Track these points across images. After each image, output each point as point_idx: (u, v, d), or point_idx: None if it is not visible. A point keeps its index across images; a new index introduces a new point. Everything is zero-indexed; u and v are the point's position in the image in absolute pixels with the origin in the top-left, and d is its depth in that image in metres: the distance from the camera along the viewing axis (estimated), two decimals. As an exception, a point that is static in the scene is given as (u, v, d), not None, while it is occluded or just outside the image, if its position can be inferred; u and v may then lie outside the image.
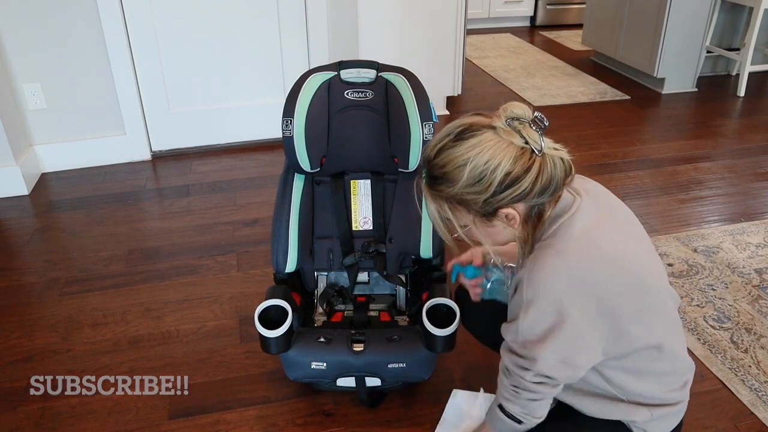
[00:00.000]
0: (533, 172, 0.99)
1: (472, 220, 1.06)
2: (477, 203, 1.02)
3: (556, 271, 1.01)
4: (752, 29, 3.65)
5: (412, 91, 1.60)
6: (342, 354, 1.48)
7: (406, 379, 1.56)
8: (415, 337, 1.50)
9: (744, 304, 1.98)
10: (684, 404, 1.21)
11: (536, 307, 1.03)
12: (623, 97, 3.85)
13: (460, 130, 1.02)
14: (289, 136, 1.60)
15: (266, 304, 1.47)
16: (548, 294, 1.01)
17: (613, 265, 1.04)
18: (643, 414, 1.16)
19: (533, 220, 1.07)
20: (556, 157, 1.02)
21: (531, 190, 1.00)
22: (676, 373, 1.18)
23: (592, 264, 1.02)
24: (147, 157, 3.05)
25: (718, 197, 2.67)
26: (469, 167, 0.99)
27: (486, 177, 0.98)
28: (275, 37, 2.99)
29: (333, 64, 1.66)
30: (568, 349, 1.05)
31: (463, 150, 1.00)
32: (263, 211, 2.54)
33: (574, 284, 1.01)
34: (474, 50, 4.95)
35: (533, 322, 1.04)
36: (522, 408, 1.15)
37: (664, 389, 1.16)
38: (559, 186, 1.03)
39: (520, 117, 1.01)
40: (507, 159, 0.98)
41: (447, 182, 1.02)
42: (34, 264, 2.24)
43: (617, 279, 1.03)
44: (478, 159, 0.98)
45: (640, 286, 1.06)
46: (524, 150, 0.99)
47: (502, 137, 0.99)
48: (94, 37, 2.74)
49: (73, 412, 1.61)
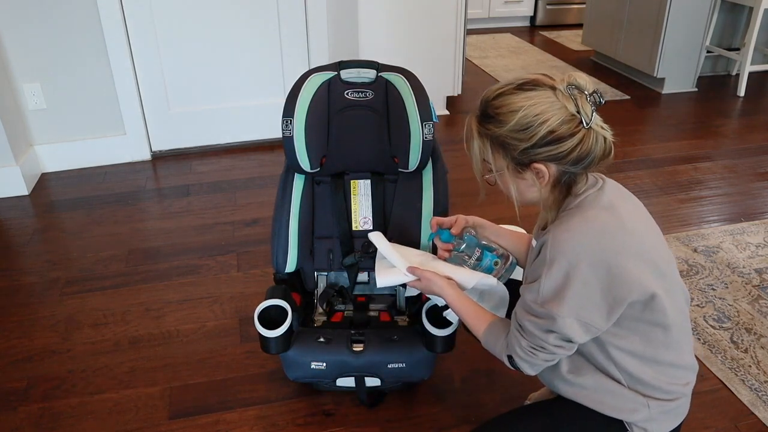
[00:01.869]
0: (575, 139, 1.05)
1: (506, 166, 1.12)
2: (516, 149, 1.08)
3: (581, 233, 1.06)
4: (752, 29, 3.65)
5: (412, 91, 1.60)
6: (342, 354, 1.48)
7: (405, 380, 1.56)
8: (414, 337, 1.50)
9: (744, 304, 1.98)
10: (684, 404, 1.21)
11: (560, 265, 1.05)
12: (623, 97, 3.85)
13: (523, 82, 1.08)
14: (289, 136, 1.60)
15: (266, 304, 1.47)
16: (571, 254, 1.05)
17: (634, 241, 1.08)
18: (639, 408, 1.16)
19: (562, 189, 1.12)
20: (600, 134, 1.07)
21: (568, 155, 1.06)
22: (679, 367, 1.17)
23: (615, 234, 1.07)
24: (147, 157, 3.05)
25: (718, 197, 2.67)
26: (520, 114, 1.05)
27: (532, 128, 1.05)
28: (275, 37, 2.99)
29: (333, 64, 1.66)
30: (589, 308, 1.06)
31: (519, 99, 1.06)
32: (263, 211, 2.55)
33: (596, 248, 1.05)
34: (474, 50, 4.95)
35: (556, 280, 1.06)
36: (531, 366, 1.16)
37: (665, 380, 1.16)
38: (594, 162, 1.08)
39: (581, 87, 1.06)
40: (556, 118, 1.04)
41: (496, 122, 1.08)
42: (34, 264, 2.25)
43: (636, 254, 1.07)
44: (530, 110, 1.05)
45: (654, 268, 1.09)
46: (574, 117, 1.05)
47: (558, 99, 1.05)
48: (94, 37, 2.74)
49: (73, 412, 1.61)
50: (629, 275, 1.05)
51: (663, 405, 1.16)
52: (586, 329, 1.08)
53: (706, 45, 3.86)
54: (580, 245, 1.05)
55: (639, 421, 1.17)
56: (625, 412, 1.16)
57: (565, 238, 1.06)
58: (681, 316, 1.16)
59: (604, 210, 1.08)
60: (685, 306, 1.18)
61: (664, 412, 1.17)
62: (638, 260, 1.07)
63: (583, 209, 1.09)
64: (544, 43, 5.22)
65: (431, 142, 1.61)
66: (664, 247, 1.18)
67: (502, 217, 1.55)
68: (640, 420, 1.17)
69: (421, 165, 1.65)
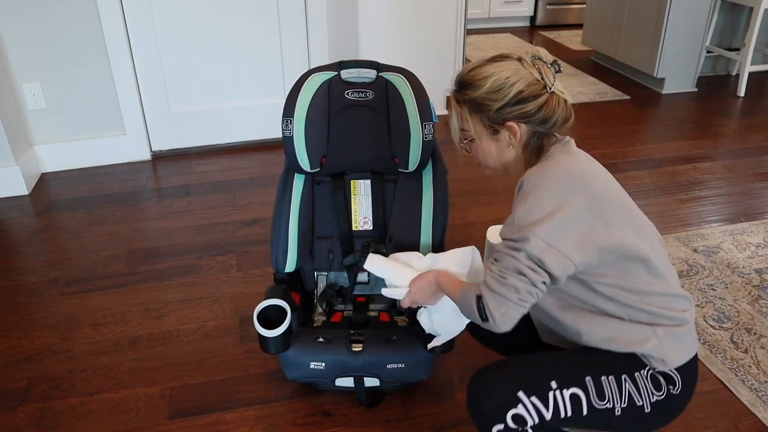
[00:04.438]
0: (540, 100, 1.19)
1: (483, 128, 1.24)
2: (491, 110, 1.20)
3: (555, 168, 1.17)
4: (752, 29, 3.65)
5: (412, 91, 1.60)
6: (341, 354, 1.48)
7: (404, 380, 1.56)
8: (414, 337, 1.50)
9: (744, 304, 1.98)
10: (692, 332, 1.22)
11: (534, 195, 1.13)
12: (623, 97, 3.85)
13: (493, 56, 1.26)
14: (289, 136, 1.60)
15: (265, 304, 1.47)
16: (547, 184, 1.14)
17: (605, 180, 1.21)
18: (649, 336, 1.16)
19: (533, 149, 1.24)
20: (561, 98, 1.22)
21: (535, 114, 1.19)
22: (672, 296, 1.20)
23: (587, 171, 1.19)
24: (147, 157, 3.05)
25: (718, 197, 2.67)
26: (492, 78, 1.20)
27: (504, 89, 1.19)
28: (275, 37, 2.99)
29: (333, 64, 1.66)
30: (560, 234, 1.10)
31: (491, 67, 1.22)
32: (263, 211, 2.55)
33: (570, 179, 1.15)
34: (474, 50, 4.95)
35: (530, 207, 1.12)
36: (497, 302, 1.12)
37: (664, 305, 1.18)
38: (558, 123, 1.22)
39: (543, 58, 1.21)
40: (523, 81, 1.19)
41: (472, 87, 1.22)
42: (34, 264, 2.25)
43: (608, 189, 1.19)
44: (501, 74, 1.20)
45: (625, 204, 1.21)
46: (539, 82, 1.20)
47: (525, 67, 1.21)
48: (94, 37, 2.74)
49: (73, 412, 1.61)
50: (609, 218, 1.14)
51: (670, 330, 1.17)
52: (558, 258, 1.10)
53: (706, 45, 3.86)
54: (555, 177, 1.15)
55: (652, 350, 1.17)
56: (635, 344, 1.17)
57: (540, 171, 1.16)
58: (660, 252, 1.22)
59: (573, 155, 1.22)
60: (659, 245, 1.24)
61: (673, 337, 1.17)
62: (610, 199, 1.17)
63: (554, 155, 1.21)
64: (544, 43, 5.22)
65: (431, 142, 1.61)
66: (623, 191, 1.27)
67: (501, 217, 1.56)
68: (652, 348, 1.16)
69: (421, 165, 1.65)
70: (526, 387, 1.15)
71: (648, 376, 1.18)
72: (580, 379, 1.17)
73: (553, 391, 1.16)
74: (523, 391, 1.15)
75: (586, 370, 1.18)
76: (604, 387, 1.17)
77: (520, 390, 1.15)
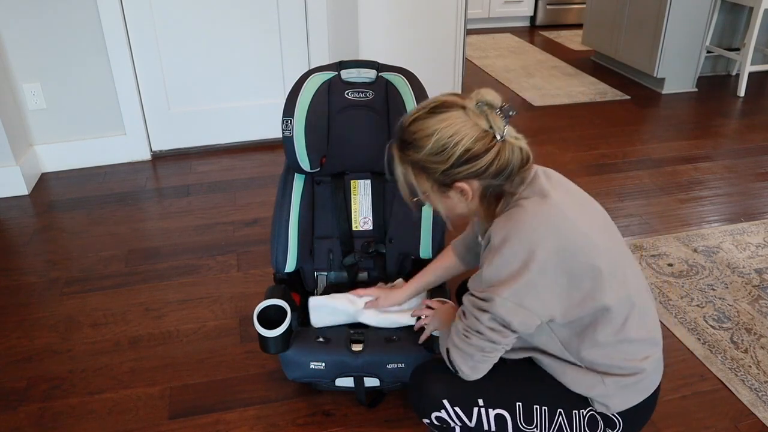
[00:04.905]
0: (491, 154, 1.08)
1: (431, 188, 1.15)
2: (436, 172, 1.11)
3: (523, 221, 1.08)
4: (752, 29, 3.65)
5: (412, 91, 1.60)
6: (341, 354, 1.48)
7: (405, 380, 1.55)
8: (414, 337, 1.50)
9: (744, 304, 1.98)
10: (647, 379, 1.18)
11: (500, 254, 1.07)
12: (623, 97, 3.85)
13: (435, 105, 1.12)
14: (289, 136, 1.60)
15: (265, 304, 1.47)
16: (514, 241, 1.07)
17: (579, 221, 1.11)
18: (596, 384, 1.16)
19: (490, 199, 1.15)
20: (515, 146, 1.10)
21: (486, 170, 1.09)
22: (633, 342, 1.15)
23: (558, 218, 1.09)
24: (147, 157, 3.05)
25: (718, 197, 2.67)
26: (435, 137, 1.08)
27: (448, 149, 1.08)
28: (275, 37, 2.99)
29: (333, 64, 1.66)
30: (527, 294, 1.07)
31: (433, 122, 1.09)
32: (263, 211, 2.55)
33: (539, 234, 1.07)
34: (474, 50, 4.95)
35: (497, 267, 1.08)
36: (464, 358, 1.16)
37: (619, 356, 1.15)
38: (514, 172, 1.11)
39: (490, 103, 1.09)
40: (469, 137, 1.07)
41: (414, 148, 1.11)
42: (34, 264, 2.25)
43: (583, 234, 1.10)
44: (443, 132, 1.08)
45: (599, 251, 1.11)
46: (487, 133, 1.08)
47: (470, 117, 1.08)
48: (94, 37, 2.74)
49: (73, 412, 1.61)
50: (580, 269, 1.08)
51: (620, 380, 1.16)
52: (525, 316, 1.09)
53: (706, 45, 3.86)
54: (522, 232, 1.07)
55: (597, 396, 1.17)
56: (583, 388, 1.18)
57: (507, 226, 1.08)
58: (630, 295, 1.14)
59: (543, 198, 1.10)
60: (635, 285, 1.16)
61: (622, 387, 1.16)
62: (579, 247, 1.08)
63: (521, 204, 1.11)
64: (544, 43, 5.22)
65: None
66: (604, 223, 1.19)
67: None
68: (598, 395, 1.17)
69: (421, 165, 1.65)
70: (452, 397, 1.20)
71: (587, 416, 1.19)
72: (510, 403, 1.20)
73: (479, 408, 1.20)
74: (448, 400, 1.20)
75: (522, 395, 1.20)
76: (534, 414, 1.20)
77: (447, 398, 1.21)
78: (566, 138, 3.25)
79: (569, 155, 3.01)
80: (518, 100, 3.83)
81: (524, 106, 3.74)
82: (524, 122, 3.50)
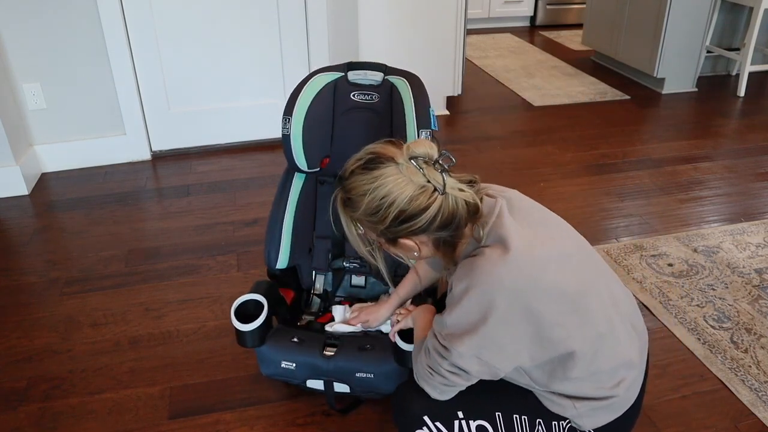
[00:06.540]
0: (432, 209, 1.01)
1: (380, 239, 1.11)
2: (377, 230, 1.07)
3: (484, 271, 1.03)
4: (752, 29, 3.65)
5: (412, 97, 1.59)
6: (313, 356, 1.47)
7: (374, 390, 1.50)
8: (387, 349, 1.46)
9: (744, 304, 1.98)
10: (621, 401, 1.17)
11: (460, 305, 1.04)
12: (623, 97, 3.85)
13: (370, 158, 1.05)
14: (287, 134, 1.60)
15: (244, 299, 1.47)
16: (473, 292, 1.03)
17: (536, 274, 1.04)
18: (567, 407, 1.16)
19: (446, 247, 1.10)
20: (459, 198, 1.04)
21: (430, 225, 1.03)
22: (603, 373, 1.13)
23: (515, 273, 1.02)
24: (147, 157, 3.05)
25: (718, 197, 2.67)
26: (367, 198, 1.02)
27: (381, 211, 1.02)
28: (275, 37, 2.99)
29: (341, 64, 1.66)
30: (487, 348, 1.06)
31: (366, 180, 1.03)
32: (263, 211, 2.54)
33: (498, 287, 1.02)
34: (474, 50, 4.95)
35: (457, 318, 1.06)
36: (431, 388, 1.17)
37: (589, 386, 1.14)
38: (462, 223, 1.06)
39: (423, 156, 1.03)
40: (403, 197, 1.01)
41: (352, 206, 1.07)
42: (34, 264, 2.25)
43: (539, 290, 1.04)
44: (376, 192, 1.02)
45: (567, 293, 1.06)
46: (425, 189, 1.01)
47: (404, 174, 1.02)
48: (94, 37, 2.74)
49: (73, 412, 1.61)
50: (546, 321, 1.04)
51: (591, 404, 1.15)
52: (483, 367, 1.08)
53: (706, 45, 3.86)
54: (485, 284, 1.02)
55: (570, 416, 1.18)
56: (555, 408, 1.18)
57: (469, 276, 1.03)
58: (598, 331, 1.10)
59: (502, 251, 1.02)
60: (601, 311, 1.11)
61: (593, 409, 1.16)
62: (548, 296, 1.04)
63: (482, 254, 1.04)
64: (544, 43, 5.22)
65: None
66: (575, 247, 1.13)
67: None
68: (570, 416, 1.17)
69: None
70: (432, 413, 1.20)
71: (566, 428, 1.20)
72: (490, 414, 1.20)
73: (459, 420, 1.19)
74: (428, 416, 1.20)
75: (501, 405, 1.20)
76: (515, 424, 1.20)
77: (426, 414, 1.20)
78: (566, 138, 3.25)
79: (569, 155, 3.01)
80: (518, 100, 3.83)
81: (524, 106, 3.74)
82: (524, 122, 3.50)
